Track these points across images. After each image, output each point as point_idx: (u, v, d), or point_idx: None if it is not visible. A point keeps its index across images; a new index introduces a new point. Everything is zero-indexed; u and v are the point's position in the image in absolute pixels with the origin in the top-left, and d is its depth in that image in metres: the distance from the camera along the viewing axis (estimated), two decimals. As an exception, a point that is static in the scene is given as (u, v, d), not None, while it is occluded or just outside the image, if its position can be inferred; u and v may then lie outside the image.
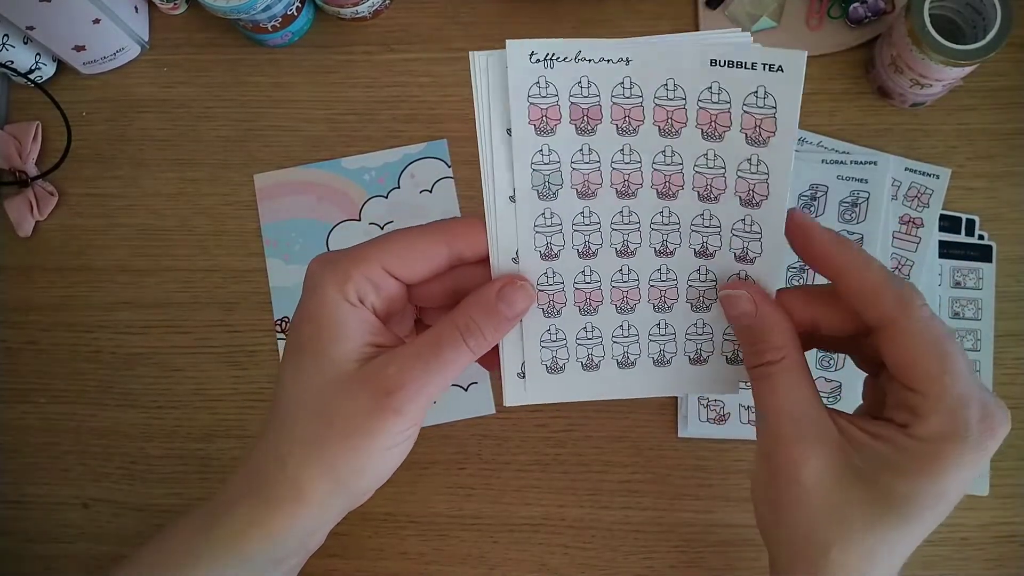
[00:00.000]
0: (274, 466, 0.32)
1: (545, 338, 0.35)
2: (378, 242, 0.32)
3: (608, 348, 0.35)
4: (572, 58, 0.30)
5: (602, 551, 0.50)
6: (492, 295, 0.32)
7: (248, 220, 0.56)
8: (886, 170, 0.51)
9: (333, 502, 0.32)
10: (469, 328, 0.32)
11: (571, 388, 0.36)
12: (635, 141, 0.32)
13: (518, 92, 0.30)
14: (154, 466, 0.53)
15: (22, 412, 0.55)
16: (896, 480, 0.29)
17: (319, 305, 0.32)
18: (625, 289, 0.34)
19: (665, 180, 0.32)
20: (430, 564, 0.51)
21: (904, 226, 0.51)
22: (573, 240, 0.33)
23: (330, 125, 0.56)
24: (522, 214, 0.32)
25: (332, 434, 0.31)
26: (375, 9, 0.56)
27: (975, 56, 0.46)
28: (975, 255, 0.51)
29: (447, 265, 0.33)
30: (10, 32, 0.54)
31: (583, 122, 0.31)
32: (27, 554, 0.53)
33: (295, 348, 0.32)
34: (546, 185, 0.32)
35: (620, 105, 0.31)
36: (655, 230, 0.33)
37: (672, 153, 0.32)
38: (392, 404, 0.30)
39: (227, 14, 0.51)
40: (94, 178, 0.57)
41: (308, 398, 0.31)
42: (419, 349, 0.32)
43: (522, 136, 0.31)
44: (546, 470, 0.52)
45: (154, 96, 0.58)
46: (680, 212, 0.33)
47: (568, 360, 0.35)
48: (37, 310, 0.56)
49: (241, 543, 0.32)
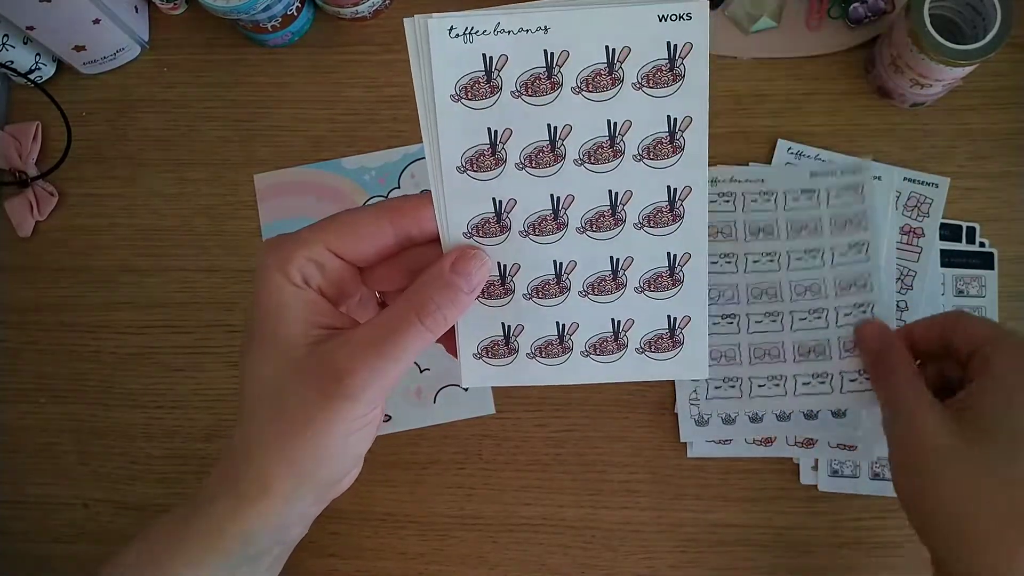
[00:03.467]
0: (242, 461, 0.32)
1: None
2: (322, 223, 0.32)
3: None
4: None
5: (602, 551, 0.50)
6: (446, 269, 0.31)
7: (248, 220, 0.56)
8: (889, 185, 0.51)
9: (302, 494, 0.32)
10: (425, 306, 0.31)
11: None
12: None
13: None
14: (154, 466, 0.53)
15: (22, 412, 0.55)
16: (1002, 419, 0.37)
17: (264, 289, 0.31)
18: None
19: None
20: (430, 564, 0.51)
21: (905, 236, 0.51)
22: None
23: (330, 125, 0.56)
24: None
25: (288, 428, 0.30)
26: (375, 9, 0.56)
27: (975, 56, 0.46)
28: (977, 263, 0.51)
29: (395, 244, 0.32)
30: (10, 32, 0.54)
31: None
32: (27, 554, 0.53)
33: (248, 336, 0.32)
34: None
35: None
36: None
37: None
38: (343, 391, 0.30)
39: (227, 14, 0.51)
40: (94, 178, 0.57)
41: (263, 388, 0.31)
42: (372, 331, 0.31)
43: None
44: (546, 470, 0.52)
45: (154, 96, 0.58)
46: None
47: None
48: (37, 310, 0.56)
49: (217, 540, 0.32)
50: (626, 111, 0.31)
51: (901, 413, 0.40)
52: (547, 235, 0.33)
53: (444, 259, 0.32)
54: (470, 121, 0.32)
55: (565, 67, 0.31)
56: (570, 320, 0.34)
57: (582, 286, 0.34)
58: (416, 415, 0.52)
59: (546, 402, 0.52)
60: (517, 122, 0.32)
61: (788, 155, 0.53)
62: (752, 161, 0.53)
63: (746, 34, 0.54)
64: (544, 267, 0.33)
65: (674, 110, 0.31)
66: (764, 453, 0.50)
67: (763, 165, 0.53)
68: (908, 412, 0.40)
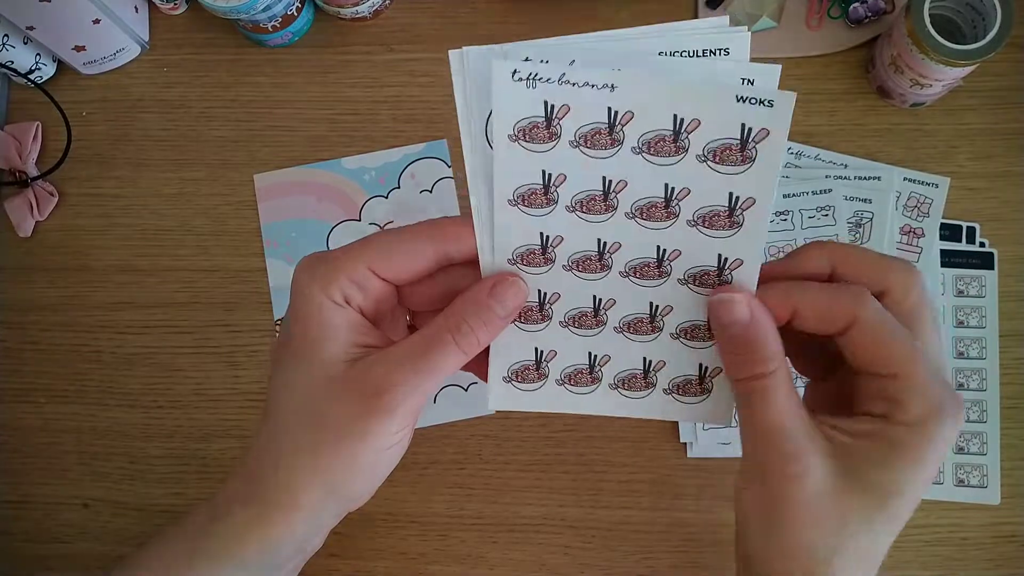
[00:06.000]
0: (269, 471, 0.32)
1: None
2: (363, 242, 0.32)
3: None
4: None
5: (602, 551, 0.50)
6: (484, 293, 0.32)
7: (248, 220, 0.56)
8: (890, 185, 0.51)
9: (328, 507, 0.32)
10: (460, 328, 0.31)
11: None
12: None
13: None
14: (154, 466, 0.53)
15: (22, 412, 0.55)
16: (885, 475, 0.29)
17: (305, 307, 0.31)
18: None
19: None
20: (430, 564, 0.51)
21: (905, 236, 0.51)
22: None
23: (330, 125, 0.56)
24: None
25: (323, 439, 0.31)
26: (375, 9, 0.56)
27: (975, 56, 0.46)
28: (977, 263, 0.51)
29: (435, 265, 0.33)
30: (10, 32, 0.54)
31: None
32: (27, 554, 0.53)
33: (284, 351, 0.32)
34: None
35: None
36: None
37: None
38: (382, 405, 0.30)
39: (227, 14, 0.51)
40: (94, 178, 0.57)
41: (299, 402, 0.31)
42: (409, 349, 0.31)
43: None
44: (546, 470, 0.52)
45: (154, 96, 0.58)
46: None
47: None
48: (37, 310, 0.56)
49: (237, 548, 0.32)
50: (687, 179, 0.31)
51: (772, 473, 0.30)
52: (590, 273, 0.33)
53: (483, 283, 0.32)
54: (526, 162, 0.31)
55: (628, 127, 0.30)
56: (603, 352, 0.34)
57: (618, 323, 0.34)
58: (416, 415, 0.52)
59: (546, 402, 0.52)
60: (572, 170, 0.31)
61: (788, 155, 0.53)
62: (752, 161, 0.53)
63: (746, 34, 0.54)
64: (583, 300, 0.34)
65: (738, 189, 0.30)
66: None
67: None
68: (781, 475, 0.30)
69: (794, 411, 0.30)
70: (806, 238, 0.51)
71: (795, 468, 0.29)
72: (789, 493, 0.29)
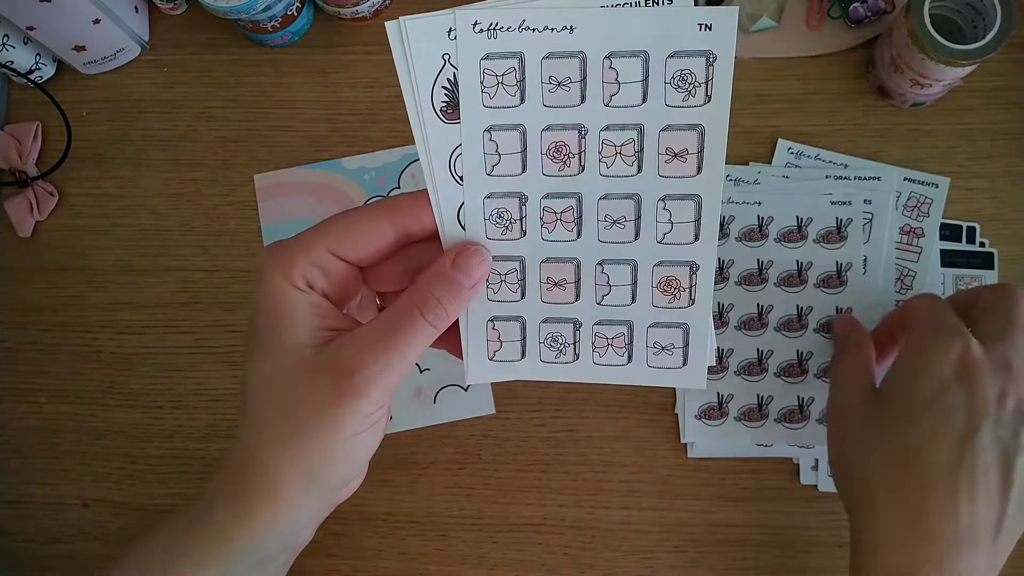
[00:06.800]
0: (248, 464, 0.32)
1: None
2: (322, 225, 0.32)
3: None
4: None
5: (602, 551, 0.50)
6: (447, 265, 0.32)
7: (248, 220, 0.56)
8: (890, 185, 0.51)
9: (310, 497, 0.32)
10: (427, 302, 0.31)
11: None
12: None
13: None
14: (154, 466, 0.53)
15: (22, 412, 0.55)
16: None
17: (268, 294, 0.31)
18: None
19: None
20: (430, 564, 0.51)
21: (905, 236, 0.51)
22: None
23: (330, 125, 0.56)
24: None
25: (298, 426, 0.30)
26: (375, 9, 0.56)
27: (975, 56, 0.46)
28: (977, 263, 0.51)
29: (395, 243, 0.33)
30: (10, 32, 0.54)
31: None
32: (27, 554, 0.53)
33: (253, 342, 0.32)
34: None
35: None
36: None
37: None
38: (354, 387, 0.30)
39: (227, 14, 0.51)
40: (94, 178, 0.57)
41: (271, 391, 0.31)
42: (378, 328, 0.31)
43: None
44: (546, 470, 0.52)
45: (154, 96, 0.58)
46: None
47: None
48: (37, 310, 0.56)
49: (224, 543, 0.31)
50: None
51: (843, 378, 0.44)
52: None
53: (445, 256, 0.32)
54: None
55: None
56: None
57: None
58: (416, 415, 0.52)
59: (546, 402, 0.52)
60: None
61: (788, 155, 0.53)
62: (752, 161, 0.53)
63: (746, 34, 0.54)
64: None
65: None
66: (764, 453, 0.50)
67: (764, 164, 0.53)
68: (848, 376, 0.44)
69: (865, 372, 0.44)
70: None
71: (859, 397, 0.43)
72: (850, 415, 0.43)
